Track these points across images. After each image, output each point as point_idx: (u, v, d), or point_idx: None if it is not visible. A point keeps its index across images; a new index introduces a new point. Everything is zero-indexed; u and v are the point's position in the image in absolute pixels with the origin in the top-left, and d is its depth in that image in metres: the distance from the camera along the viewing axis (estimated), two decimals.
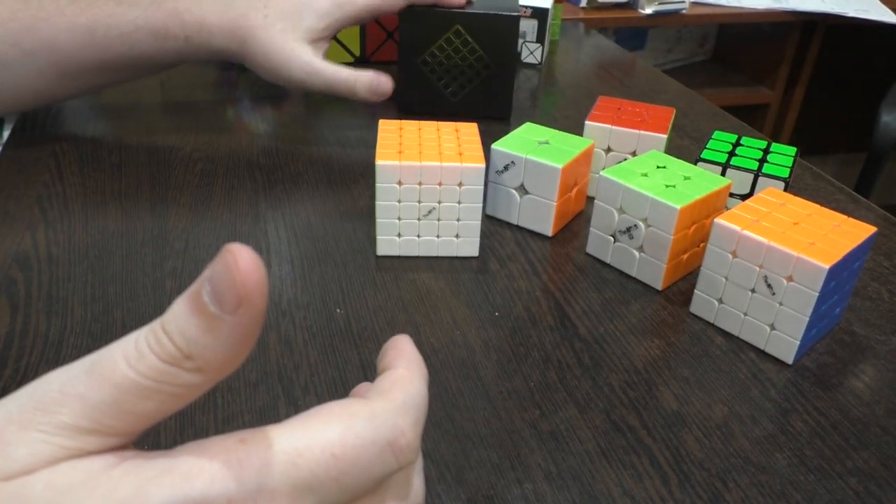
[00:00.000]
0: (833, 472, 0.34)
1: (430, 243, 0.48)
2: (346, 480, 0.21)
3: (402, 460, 0.22)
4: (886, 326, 0.44)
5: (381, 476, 0.22)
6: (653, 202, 0.43)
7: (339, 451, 0.21)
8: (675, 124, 0.71)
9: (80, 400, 0.19)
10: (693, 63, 1.84)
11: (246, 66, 0.61)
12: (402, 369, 0.24)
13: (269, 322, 0.41)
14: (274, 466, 0.20)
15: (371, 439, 0.21)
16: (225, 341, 0.19)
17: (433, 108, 0.70)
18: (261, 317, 0.19)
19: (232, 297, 0.19)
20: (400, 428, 0.22)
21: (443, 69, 0.67)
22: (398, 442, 0.22)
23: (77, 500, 0.19)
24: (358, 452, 0.21)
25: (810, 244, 0.38)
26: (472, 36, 0.65)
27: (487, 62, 0.67)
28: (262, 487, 0.20)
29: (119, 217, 0.51)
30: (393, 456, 0.22)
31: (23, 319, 0.41)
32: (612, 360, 0.40)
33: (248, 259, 0.19)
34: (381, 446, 0.21)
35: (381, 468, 0.21)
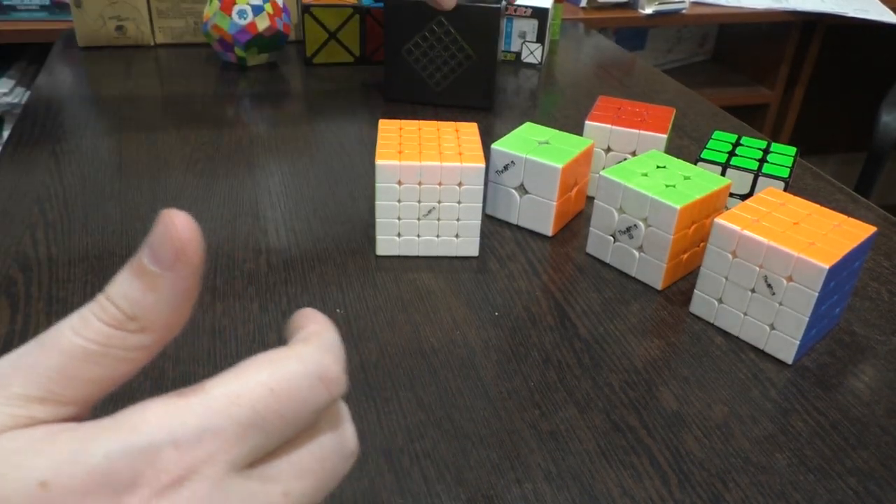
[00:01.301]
0: (833, 471, 0.34)
1: (430, 243, 0.48)
2: (286, 414, 0.22)
3: (333, 391, 0.23)
4: (886, 326, 0.44)
5: (317, 408, 0.23)
6: (653, 202, 0.43)
7: (275, 386, 0.22)
8: (675, 124, 0.71)
9: (29, 370, 0.21)
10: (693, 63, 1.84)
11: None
12: (313, 325, 0.25)
13: (268, 322, 0.41)
14: (216, 409, 0.21)
15: (302, 373, 0.23)
16: (166, 298, 0.21)
17: (417, 97, 0.72)
18: (197, 273, 0.21)
19: (168, 252, 0.21)
20: (326, 363, 0.23)
21: (426, 59, 0.68)
22: (327, 374, 0.23)
23: (18, 462, 0.19)
24: (292, 385, 0.22)
25: (810, 244, 0.38)
26: (455, 27, 0.66)
27: (469, 53, 0.68)
28: (206, 428, 0.21)
29: (119, 217, 0.51)
30: (324, 387, 0.23)
31: (23, 319, 0.41)
32: (611, 360, 0.40)
33: (181, 218, 0.21)
34: (312, 379, 0.23)
35: (316, 400, 0.23)
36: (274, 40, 0.79)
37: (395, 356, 0.39)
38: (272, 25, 0.77)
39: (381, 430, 0.35)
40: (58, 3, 1.13)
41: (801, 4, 1.49)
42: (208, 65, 0.81)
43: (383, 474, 0.32)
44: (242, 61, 0.80)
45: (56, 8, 1.13)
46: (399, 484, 0.32)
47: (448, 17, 0.66)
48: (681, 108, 0.75)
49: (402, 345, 0.40)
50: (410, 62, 0.69)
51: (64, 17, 1.13)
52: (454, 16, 0.66)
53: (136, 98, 0.71)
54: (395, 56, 0.69)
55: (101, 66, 0.79)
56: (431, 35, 0.65)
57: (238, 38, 0.76)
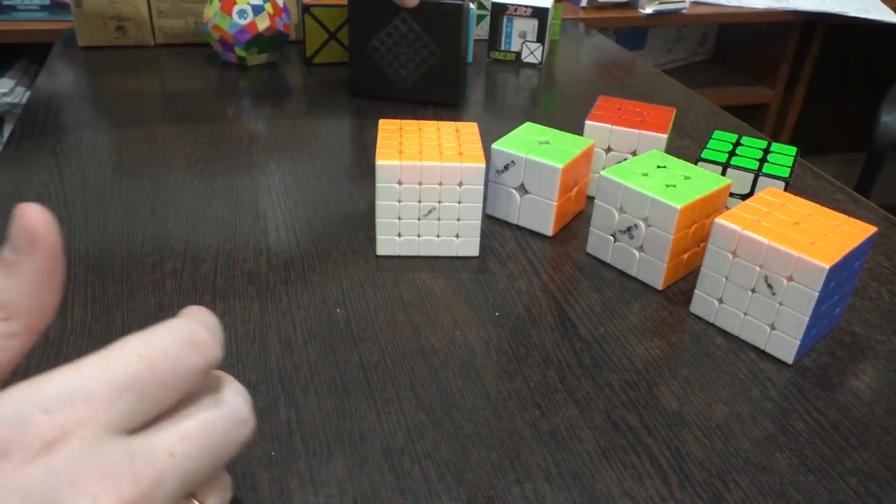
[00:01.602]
0: (833, 472, 0.34)
1: (430, 243, 0.48)
2: (158, 376, 0.23)
3: (205, 355, 0.24)
4: (886, 326, 0.44)
5: (190, 371, 0.24)
6: (653, 202, 0.43)
7: (144, 351, 0.23)
8: (676, 124, 0.71)
9: None
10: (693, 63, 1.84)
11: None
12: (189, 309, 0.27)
13: (269, 322, 0.41)
14: (85, 375, 0.22)
15: (171, 339, 0.24)
16: (27, 283, 0.23)
17: (384, 93, 0.72)
18: (56, 256, 0.23)
19: (24, 239, 0.22)
20: (194, 329, 0.25)
21: (392, 55, 0.69)
22: (195, 339, 0.24)
23: None
24: (162, 349, 0.24)
25: (810, 244, 0.38)
26: (418, 23, 0.67)
27: (434, 49, 0.68)
28: (76, 394, 0.22)
29: (119, 217, 0.51)
30: (195, 352, 0.24)
31: None
32: (612, 359, 0.40)
33: (33, 209, 0.22)
34: (181, 343, 0.24)
35: (188, 364, 0.24)
36: (274, 40, 0.79)
37: (396, 356, 0.39)
38: (272, 25, 0.77)
39: (381, 430, 0.35)
40: (58, 3, 1.13)
41: (802, 4, 1.49)
42: (208, 65, 0.81)
43: (384, 474, 0.32)
44: (243, 61, 0.80)
45: (56, 8, 1.13)
46: (399, 484, 0.32)
47: (411, 14, 0.67)
48: (681, 108, 0.75)
49: (403, 345, 0.40)
50: (376, 58, 0.70)
51: (64, 17, 1.13)
52: (417, 12, 0.67)
53: (137, 98, 0.71)
54: (361, 52, 0.70)
55: (102, 66, 0.79)
56: (396, 31, 0.66)
57: (238, 38, 0.76)
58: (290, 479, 0.32)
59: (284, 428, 0.35)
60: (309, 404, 0.36)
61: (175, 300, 0.43)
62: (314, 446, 0.34)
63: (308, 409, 0.36)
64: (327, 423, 0.35)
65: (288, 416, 0.35)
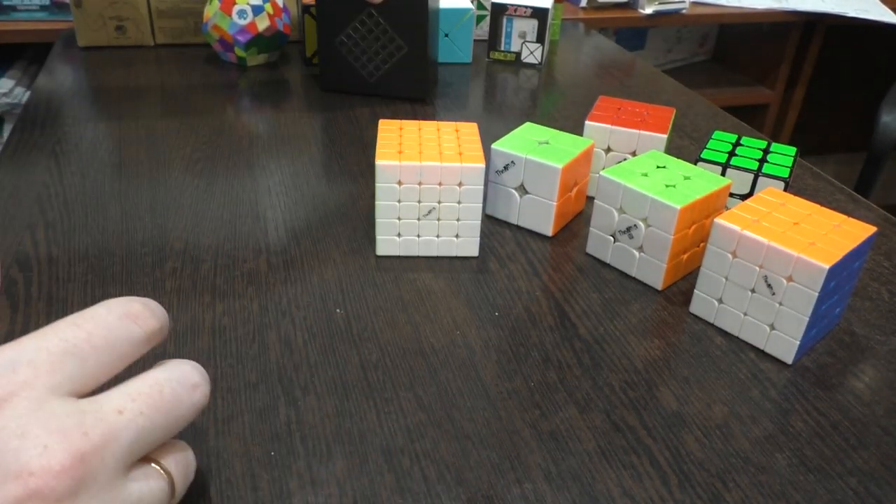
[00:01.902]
0: (833, 472, 0.34)
1: (430, 243, 0.48)
2: (97, 341, 0.25)
3: (141, 324, 0.27)
4: (886, 326, 0.44)
5: (129, 337, 0.26)
6: (653, 202, 0.43)
7: (80, 321, 0.26)
8: (675, 124, 0.71)
9: None
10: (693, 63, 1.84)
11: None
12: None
13: (269, 322, 0.41)
14: (25, 345, 0.24)
15: (105, 311, 0.26)
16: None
17: (352, 87, 0.73)
18: None
19: None
20: (129, 302, 0.27)
21: (359, 50, 0.69)
22: (131, 310, 0.26)
23: None
24: (97, 319, 0.26)
25: (810, 244, 0.38)
26: (385, 18, 0.68)
27: (401, 44, 0.69)
28: (18, 360, 0.24)
29: (119, 217, 0.51)
30: (131, 321, 0.26)
31: (23, 320, 0.41)
32: (612, 360, 0.40)
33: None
34: (117, 314, 0.26)
35: (126, 331, 0.26)
36: (274, 40, 0.79)
37: (396, 356, 0.39)
38: (272, 25, 0.77)
39: (381, 430, 0.35)
40: (58, 3, 1.13)
41: (802, 4, 1.49)
42: (208, 65, 0.81)
43: (383, 474, 0.32)
44: (242, 61, 0.80)
45: (56, 8, 1.13)
46: (399, 484, 0.32)
47: (378, 9, 0.68)
48: (681, 109, 0.75)
49: (403, 345, 0.40)
50: (343, 53, 0.71)
51: (64, 17, 1.13)
52: (384, 8, 0.68)
53: (136, 98, 0.71)
54: (329, 47, 0.71)
55: (102, 66, 0.79)
56: (363, 26, 0.67)
57: (238, 39, 0.76)
58: (290, 479, 0.32)
59: (284, 428, 0.35)
60: (309, 404, 0.36)
61: (175, 300, 0.43)
62: (314, 446, 0.34)
63: (308, 409, 0.36)
64: (327, 423, 0.35)
65: (287, 416, 0.35)
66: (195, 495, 0.31)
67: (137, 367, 0.27)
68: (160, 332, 0.28)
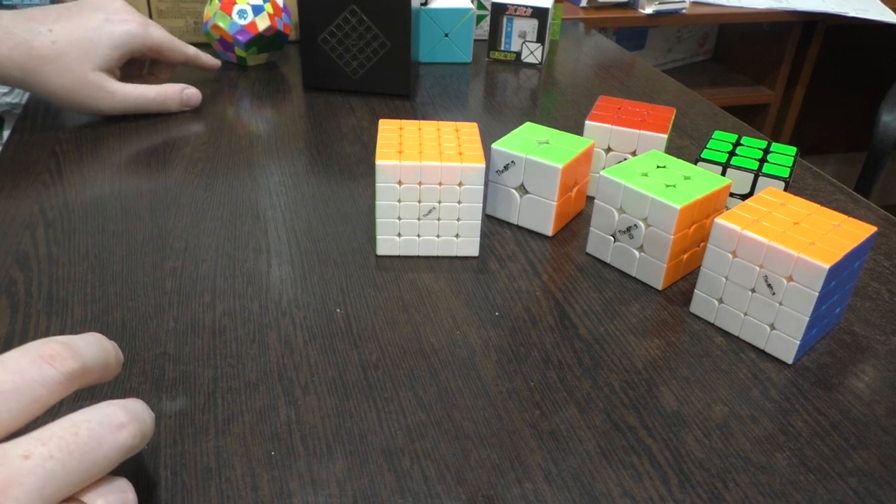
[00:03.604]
0: (833, 472, 0.34)
1: (430, 243, 0.48)
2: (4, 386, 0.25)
3: (58, 366, 0.26)
4: (887, 326, 0.44)
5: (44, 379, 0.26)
6: (653, 202, 0.43)
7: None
8: (676, 124, 0.71)
9: None
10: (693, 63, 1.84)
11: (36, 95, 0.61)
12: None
13: (269, 322, 0.41)
14: None
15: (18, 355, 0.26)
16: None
17: (335, 85, 0.74)
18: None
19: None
20: (46, 343, 0.27)
21: (342, 48, 0.71)
22: (45, 352, 0.26)
23: None
24: (8, 363, 0.26)
25: (810, 244, 0.38)
26: (367, 15, 0.69)
27: (383, 40, 0.70)
28: None
29: (119, 217, 0.51)
30: (46, 363, 0.26)
31: (23, 319, 0.41)
32: (612, 360, 0.40)
33: None
34: (29, 358, 0.26)
35: (41, 373, 0.26)
36: (274, 40, 0.79)
37: (396, 356, 0.39)
38: (272, 25, 0.77)
39: (381, 430, 0.35)
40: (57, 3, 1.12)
41: (802, 4, 1.49)
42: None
43: (383, 474, 0.32)
44: (242, 61, 0.80)
45: None
46: (399, 483, 0.32)
47: (360, 6, 0.69)
48: (681, 108, 0.75)
49: (403, 345, 0.40)
50: (327, 50, 0.71)
51: None
52: (366, 4, 0.68)
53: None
54: (312, 44, 0.71)
55: None
56: (346, 24, 0.68)
57: (238, 38, 0.76)
58: (290, 479, 0.32)
59: (284, 428, 0.35)
60: (309, 404, 0.36)
61: (175, 300, 0.43)
62: (314, 446, 0.34)
63: (308, 408, 0.36)
64: (327, 422, 0.35)
65: (288, 415, 0.35)
66: (196, 496, 0.31)
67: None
68: (85, 371, 0.28)
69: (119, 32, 0.61)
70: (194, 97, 0.68)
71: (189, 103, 0.67)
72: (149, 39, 0.63)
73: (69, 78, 0.59)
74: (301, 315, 0.42)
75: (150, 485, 0.31)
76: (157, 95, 0.65)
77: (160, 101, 0.66)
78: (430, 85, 0.78)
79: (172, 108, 0.67)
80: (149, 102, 0.65)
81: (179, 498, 0.31)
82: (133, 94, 0.64)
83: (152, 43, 0.64)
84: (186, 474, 0.32)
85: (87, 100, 0.61)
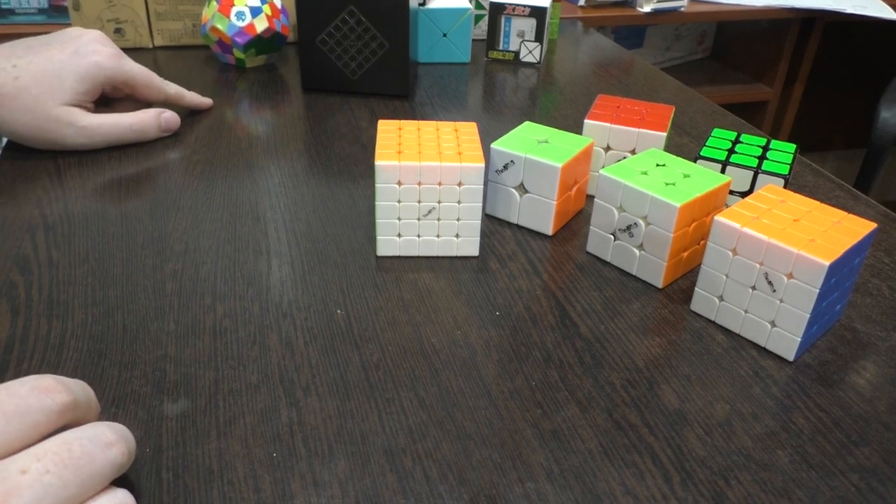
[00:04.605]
0: (835, 468, 0.34)
1: (431, 243, 0.48)
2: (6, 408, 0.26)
3: (54, 398, 0.28)
4: (887, 323, 0.44)
5: (42, 408, 0.27)
6: (653, 200, 0.43)
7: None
8: (675, 122, 0.71)
9: None
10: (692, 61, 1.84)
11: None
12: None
13: (269, 323, 0.41)
14: None
15: (19, 383, 0.27)
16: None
17: (334, 86, 0.74)
18: None
19: None
20: (42, 377, 0.28)
21: (341, 49, 0.71)
22: (41, 384, 0.28)
23: None
24: (10, 388, 0.27)
25: (810, 241, 0.38)
26: (366, 16, 0.69)
27: (382, 41, 0.70)
28: None
29: (119, 220, 0.51)
30: (42, 394, 0.27)
31: (23, 323, 0.41)
32: (613, 358, 0.40)
33: None
34: (28, 388, 0.27)
35: (38, 402, 0.27)
36: (272, 42, 0.79)
37: (397, 356, 0.39)
38: (270, 27, 0.77)
39: (382, 431, 0.35)
40: (56, 6, 1.13)
41: (800, 1, 1.49)
42: (207, 66, 0.81)
43: (385, 474, 0.32)
44: (241, 63, 0.80)
45: (54, 11, 1.13)
46: (401, 484, 0.32)
47: (359, 7, 0.69)
48: (680, 106, 0.75)
49: (404, 345, 0.40)
50: (325, 51, 0.71)
51: (62, 20, 1.13)
52: (365, 5, 0.69)
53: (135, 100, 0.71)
54: (310, 46, 0.72)
55: None
56: (344, 24, 0.68)
57: (236, 40, 0.76)
58: (292, 480, 0.32)
59: (286, 429, 0.35)
60: (310, 405, 0.36)
61: (175, 302, 0.43)
62: (316, 447, 0.34)
63: (309, 409, 0.36)
64: (329, 423, 0.35)
65: (289, 417, 0.35)
66: (198, 498, 0.31)
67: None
68: (76, 406, 0.29)
69: (86, 64, 0.58)
70: (172, 121, 0.63)
71: (168, 128, 0.63)
72: (119, 72, 0.60)
73: (31, 115, 0.56)
74: (302, 316, 0.42)
75: (152, 487, 0.31)
76: (132, 124, 0.61)
77: (137, 130, 0.61)
78: (428, 85, 0.78)
79: (151, 135, 0.62)
80: (124, 132, 0.60)
81: (182, 500, 0.31)
82: (105, 124, 0.59)
83: (124, 76, 0.61)
84: (188, 476, 0.32)
85: (52, 136, 0.57)
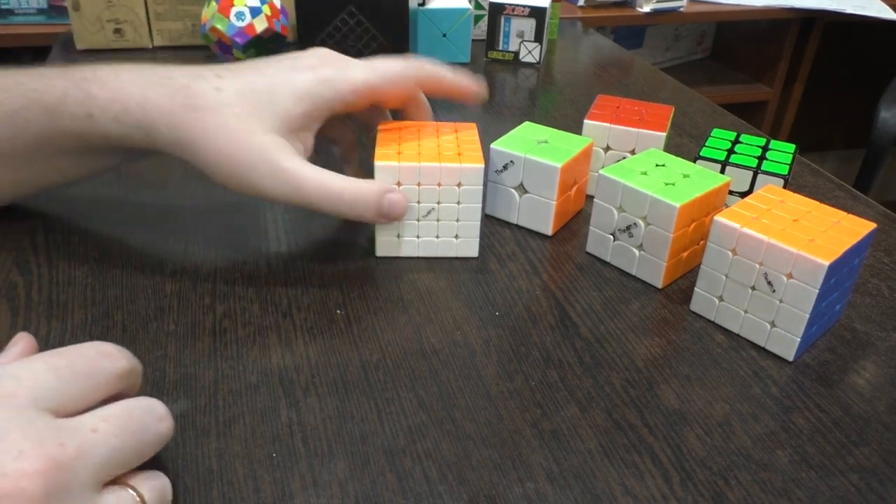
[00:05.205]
0: (835, 468, 0.34)
1: (430, 244, 0.48)
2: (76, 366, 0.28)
3: (113, 361, 0.29)
4: (887, 323, 0.44)
5: (103, 371, 0.28)
6: (652, 200, 0.43)
7: (62, 350, 0.28)
8: (674, 122, 0.71)
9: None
10: (691, 61, 1.84)
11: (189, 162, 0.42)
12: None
13: (269, 323, 0.41)
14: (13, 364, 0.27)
15: (85, 346, 0.29)
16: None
17: None
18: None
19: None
20: (103, 343, 0.30)
21: (340, 49, 0.70)
22: (103, 349, 0.29)
23: None
24: (80, 350, 0.29)
25: (810, 241, 0.38)
26: (366, 16, 0.69)
27: (382, 41, 0.70)
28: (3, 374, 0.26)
29: (119, 220, 0.51)
30: (104, 357, 0.29)
31: (23, 323, 0.41)
32: (612, 358, 0.40)
33: None
34: (91, 351, 0.29)
35: (100, 365, 0.29)
36: (272, 42, 0.79)
37: (396, 357, 0.39)
38: (270, 27, 0.77)
39: (382, 431, 0.35)
40: (55, 6, 1.13)
41: (800, 1, 1.49)
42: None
43: (385, 474, 0.32)
44: None
45: (54, 12, 1.13)
46: (401, 484, 0.32)
47: (358, 7, 0.69)
48: (679, 107, 0.75)
49: (403, 345, 0.40)
50: None
51: (62, 20, 1.13)
52: (364, 6, 0.69)
53: None
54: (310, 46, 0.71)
55: None
56: (344, 25, 0.68)
57: (236, 40, 0.76)
58: (292, 480, 0.32)
59: (285, 429, 0.35)
60: (310, 405, 0.36)
61: (175, 302, 0.43)
62: (315, 447, 0.34)
63: (309, 410, 0.36)
64: (328, 424, 0.35)
65: (289, 417, 0.35)
66: (198, 498, 0.31)
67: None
68: (131, 374, 0.30)
69: (303, 79, 0.43)
70: (398, 206, 0.44)
71: (391, 215, 0.44)
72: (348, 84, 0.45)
73: (227, 139, 0.41)
74: (301, 316, 0.42)
75: None
76: (344, 193, 0.42)
77: (349, 203, 0.43)
78: None
79: (366, 216, 0.44)
80: (332, 200, 0.42)
81: (181, 500, 0.31)
82: (313, 180, 0.42)
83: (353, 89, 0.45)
84: (188, 476, 0.32)
85: (246, 172, 0.41)
